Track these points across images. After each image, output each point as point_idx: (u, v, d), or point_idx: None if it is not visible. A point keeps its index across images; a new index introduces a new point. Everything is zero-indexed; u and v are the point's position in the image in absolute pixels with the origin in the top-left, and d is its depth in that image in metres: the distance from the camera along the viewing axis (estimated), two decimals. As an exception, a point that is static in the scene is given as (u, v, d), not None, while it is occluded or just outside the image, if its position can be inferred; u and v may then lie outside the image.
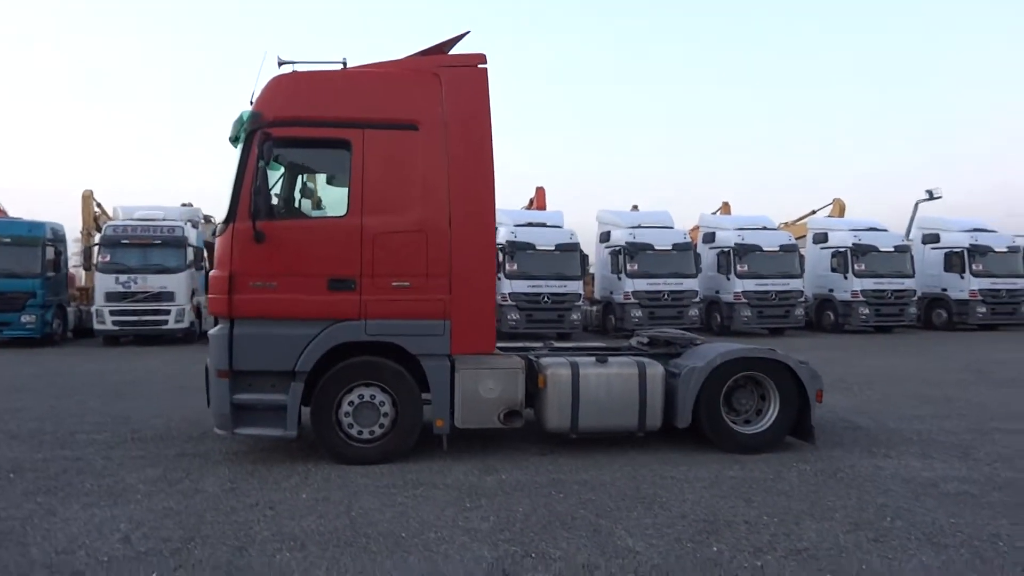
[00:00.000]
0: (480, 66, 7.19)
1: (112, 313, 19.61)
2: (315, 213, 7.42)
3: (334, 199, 7.44)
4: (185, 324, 20.17)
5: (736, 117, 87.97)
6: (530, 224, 22.38)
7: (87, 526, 5.24)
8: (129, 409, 10.02)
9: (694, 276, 22.60)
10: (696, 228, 26.62)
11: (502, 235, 20.42)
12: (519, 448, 7.54)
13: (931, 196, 29.97)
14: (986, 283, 23.93)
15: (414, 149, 6.99)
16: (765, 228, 24.40)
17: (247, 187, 6.79)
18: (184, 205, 24.92)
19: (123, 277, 19.65)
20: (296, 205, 7.37)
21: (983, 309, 23.88)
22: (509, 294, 20.84)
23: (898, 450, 7.51)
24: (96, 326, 19.85)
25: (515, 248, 21.10)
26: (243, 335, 6.79)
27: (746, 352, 7.54)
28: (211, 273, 7.06)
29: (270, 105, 6.89)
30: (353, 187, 6.90)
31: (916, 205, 29.83)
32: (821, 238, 25.04)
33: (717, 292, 23.73)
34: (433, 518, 5.44)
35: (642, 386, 7.31)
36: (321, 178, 7.76)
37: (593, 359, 7.47)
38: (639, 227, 23.12)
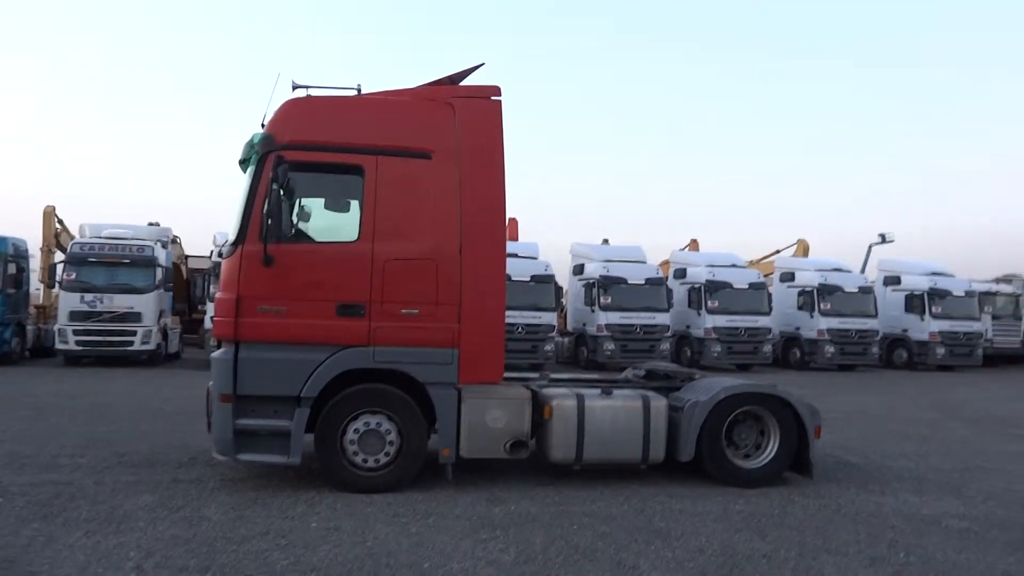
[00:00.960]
0: (494, 98, 7.27)
1: (76, 333, 19.03)
2: (324, 238, 7.34)
3: (340, 225, 7.39)
4: (152, 346, 19.66)
5: (706, 152, 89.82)
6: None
7: (94, 554, 5.04)
8: (108, 433, 9.70)
9: (666, 311, 22.89)
10: (666, 263, 27.04)
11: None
12: (521, 479, 7.49)
13: (884, 239, 31.03)
14: (945, 325, 24.71)
15: (426, 177, 7.01)
16: (735, 265, 24.88)
17: (257, 209, 6.73)
18: (151, 224, 24.46)
19: (89, 296, 19.12)
20: (304, 229, 7.30)
21: (942, 350, 24.63)
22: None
23: (892, 487, 7.66)
24: (58, 345, 19.22)
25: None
26: (249, 359, 6.67)
27: (748, 388, 7.66)
28: (217, 296, 6.94)
29: (283, 128, 6.86)
30: (365, 213, 6.88)
31: (869, 248, 30.83)
32: (788, 277, 25.64)
33: (688, 327, 24.05)
34: (451, 549, 5.37)
35: (646, 419, 7.35)
36: (318, 203, 7.70)
37: (598, 391, 7.51)
38: (612, 261, 23.37)
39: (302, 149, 6.79)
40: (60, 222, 26.21)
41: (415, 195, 6.98)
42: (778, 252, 31.27)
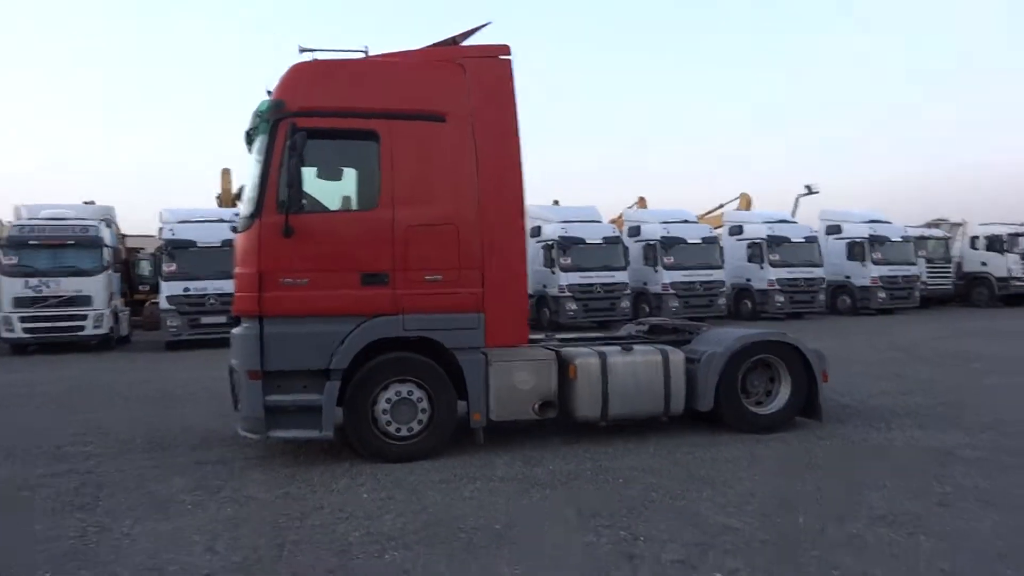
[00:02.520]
0: (503, 57, 7.17)
1: (22, 320, 18.09)
2: (337, 207, 7.16)
3: (349, 191, 7.23)
4: (104, 330, 18.87)
5: (639, 107, 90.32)
6: None
7: (157, 540, 4.91)
8: (96, 419, 9.34)
9: (624, 268, 23.23)
10: (618, 220, 27.36)
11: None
12: (546, 439, 7.57)
13: (809, 191, 32.19)
14: (884, 270, 25.86)
15: (442, 141, 6.90)
16: (687, 221, 25.39)
17: (272, 180, 6.52)
18: (87, 203, 23.28)
19: (33, 280, 18.17)
20: (319, 198, 7.10)
21: (883, 295, 25.80)
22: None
23: (894, 423, 8.06)
24: (4, 334, 18.23)
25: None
26: (275, 334, 6.51)
27: (761, 336, 7.92)
28: (236, 271, 6.71)
29: (293, 94, 6.63)
30: (383, 179, 6.74)
31: (797, 199, 31.93)
32: (737, 230, 26.32)
33: (644, 284, 24.48)
34: (514, 509, 5.44)
35: (666, 372, 7.52)
36: (310, 171, 7.46)
37: (618, 348, 7.63)
38: (570, 221, 23.51)
39: (314, 115, 6.57)
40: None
41: (431, 159, 6.87)
42: (722, 207, 32.09)
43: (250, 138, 7.17)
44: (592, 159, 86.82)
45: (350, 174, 7.09)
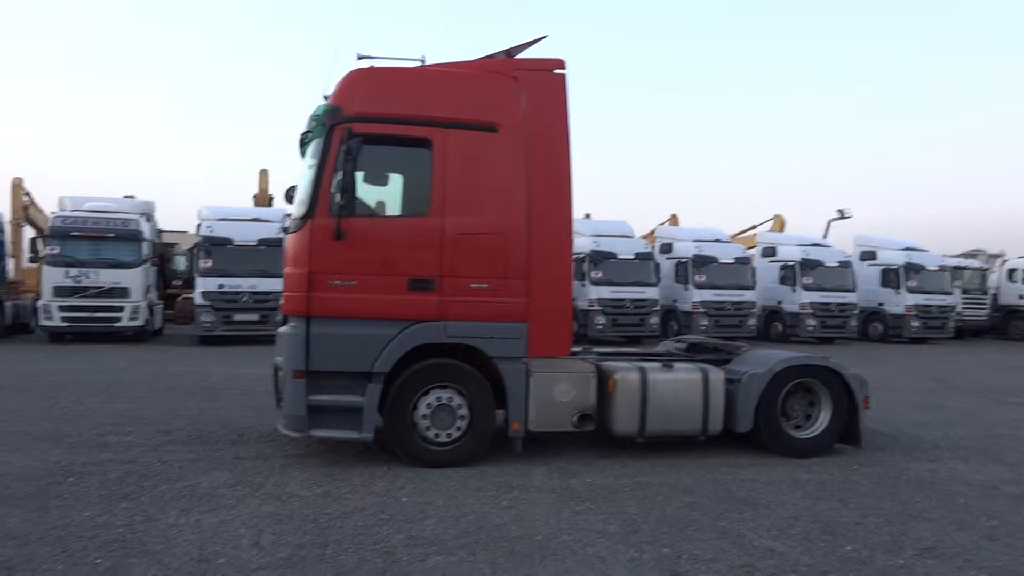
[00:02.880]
0: (558, 71, 7.22)
1: (61, 309, 18.46)
2: (387, 212, 7.22)
3: (399, 197, 7.27)
4: (140, 322, 19.22)
5: (674, 125, 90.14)
6: None
7: (203, 533, 4.97)
8: (136, 410, 9.50)
9: (655, 285, 23.15)
10: (650, 236, 27.28)
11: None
12: (580, 452, 7.56)
13: (842, 215, 31.87)
14: (920, 299, 25.48)
15: (493, 151, 6.95)
16: (719, 240, 25.25)
17: (326, 183, 6.61)
18: (127, 197, 23.73)
19: (73, 271, 18.55)
20: (369, 203, 7.18)
21: (916, 323, 25.41)
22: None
23: (934, 454, 7.94)
24: (42, 322, 18.64)
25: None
26: (321, 334, 6.58)
27: (804, 360, 7.83)
28: (286, 271, 6.80)
29: (350, 99, 6.73)
30: (434, 187, 6.80)
31: (828, 223, 31.61)
32: (770, 252, 26.10)
33: (674, 301, 24.37)
34: (553, 521, 5.42)
35: (706, 391, 7.47)
36: (359, 176, 7.50)
37: (659, 364, 7.60)
38: (602, 235, 23.49)
39: (370, 121, 6.66)
40: (28, 195, 25.30)
41: (482, 169, 6.92)
42: (754, 227, 31.85)
43: (304, 141, 7.28)
44: (622, 175, 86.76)
45: (400, 180, 7.13)
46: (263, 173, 27.14)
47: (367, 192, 7.01)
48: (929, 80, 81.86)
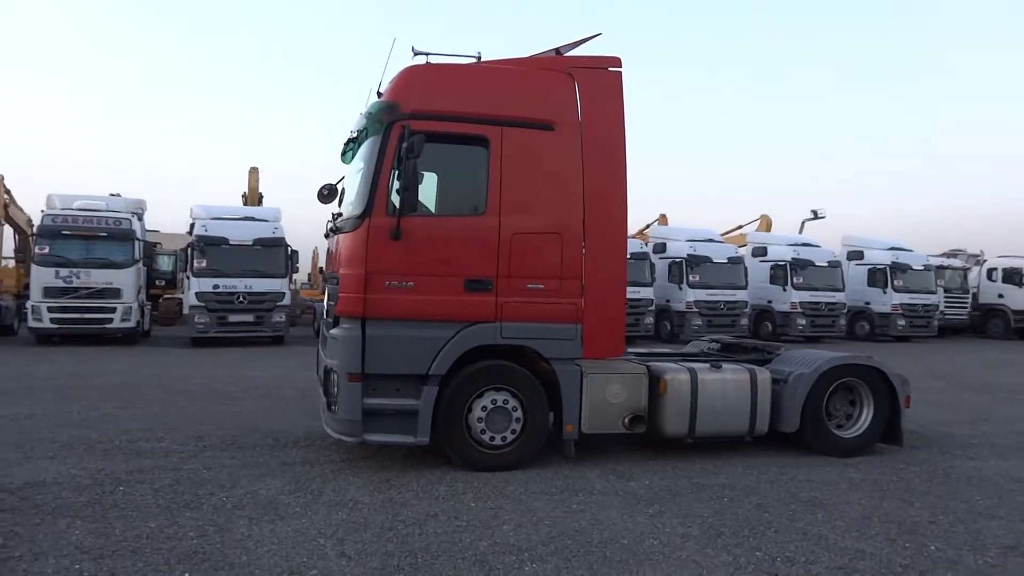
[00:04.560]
0: (613, 69, 7.15)
1: (51, 310, 17.94)
2: (444, 211, 7.05)
3: (460, 197, 7.05)
4: (132, 323, 18.73)
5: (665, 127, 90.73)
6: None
7: (284, 544, 4.81)
8: (158, 414, 9.24)
9: (650, 285, 23.21)
10: (641, 235, 27.36)
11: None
12: (626, 454, 7.51)
13: (816, 215, 32.31)
14: (905, 298, 25.90)
15: (550, 150, 6.86)
16: (712, 240, 25.40)
17: (384, 181, 6.47)
18: (112, 195, 23.15)
19: (64, 271, 18.02)
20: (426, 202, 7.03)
21: (902, 322, 25.82)
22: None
23: (972, 452, 8.03)
24: (31, 323, 18.08)
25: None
26: (378, 336, 6.43)
27: (849, 359, 7.86)
28: (341, 271, 6.62)
29: (408, 96, 6.58)
30: (491, 186, 6.69)
31: (803, 224, 32.03)
32: (760, 251, 26.33)
33: (667, 301, 24.46)
34: (631, 525, 5.36)
35: (753, 392, 7.47)
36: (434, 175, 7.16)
37: (707, 365, 7.57)
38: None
39: (427, 118, 6.52)
40: (8, 192, 24.57)
41: (539, 168, 6.82)
42: (741, 227, 32.13)
43: (356, 140, 7.13)
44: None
45: (458, 179, 6.98)
46: (253, 171, 26.69)
47: (422, 191, 6.86)
48: (903, 80, 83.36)
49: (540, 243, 6.79)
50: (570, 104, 6.92)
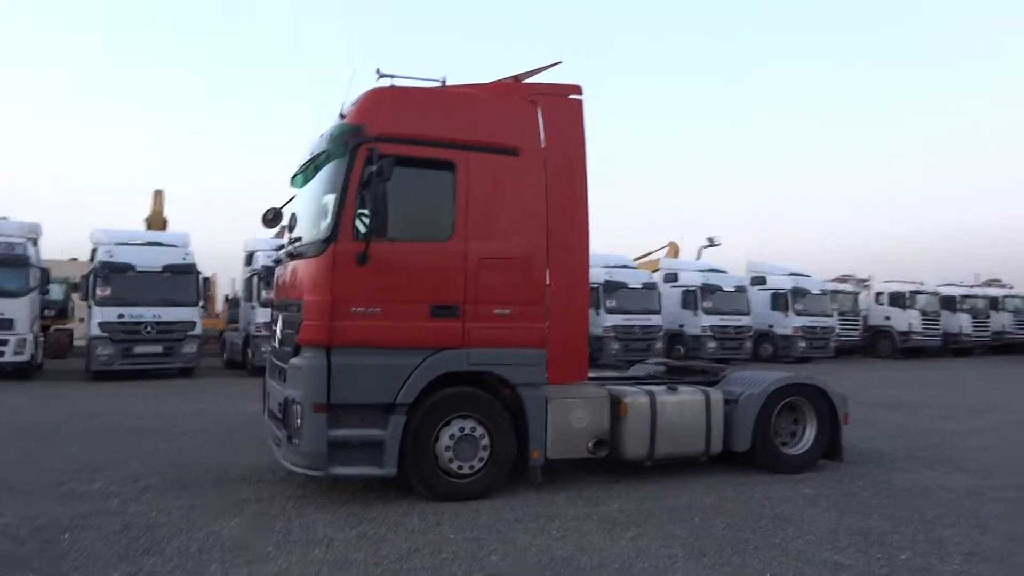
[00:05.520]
0: (574, 96, 7.27)
1: (-68, 344, 16.40)
2: (406, 235, 6.89)
3: (424, 222, 6.90)
4: (26, 357, 17.34)
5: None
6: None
7: (267, 585, 4.54)
8: (82, 454, 8.55)
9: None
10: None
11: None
12: (587, 478, 7.53)
13: (712, 243, 33.97)
14: (805, 321, 27.35)
15: (515, 175, 6.89)
16: (626, 266, 26.06)
17: (350, 205, 6.31)
18: (0, 218, 21.51)
19: (-52, 302, 16.54)
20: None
21: (803, 344, 27.23)
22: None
23: (902, 464, 8.50)
24: (-91, 360, 16.45)
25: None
26: (344, 365, 6.22)
27: (794, 379, 8.20)
28: (307, 298, 6.36)
29: (374, 119, 6.46)
30: (458, 210, 6.64)
31: (700, 250, 33.59)
32: (672, 277, 27.23)
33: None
34: (616, 549, 5.36)
35: (708, 413, 7.67)
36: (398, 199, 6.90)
37: (664, 387, 7.72)
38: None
39: (394, 141, 6.42)
40: None
41: (504, 193, 6.84)
42: (650, 253, 33.16)
43: (311, 163, 6.94)
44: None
45: (422, 203, 6.85)
46: (157, 194, 25.43)
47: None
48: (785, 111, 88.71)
49: (506, 268, 6.78)
50: (534, 130, 6.99)
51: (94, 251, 18.82)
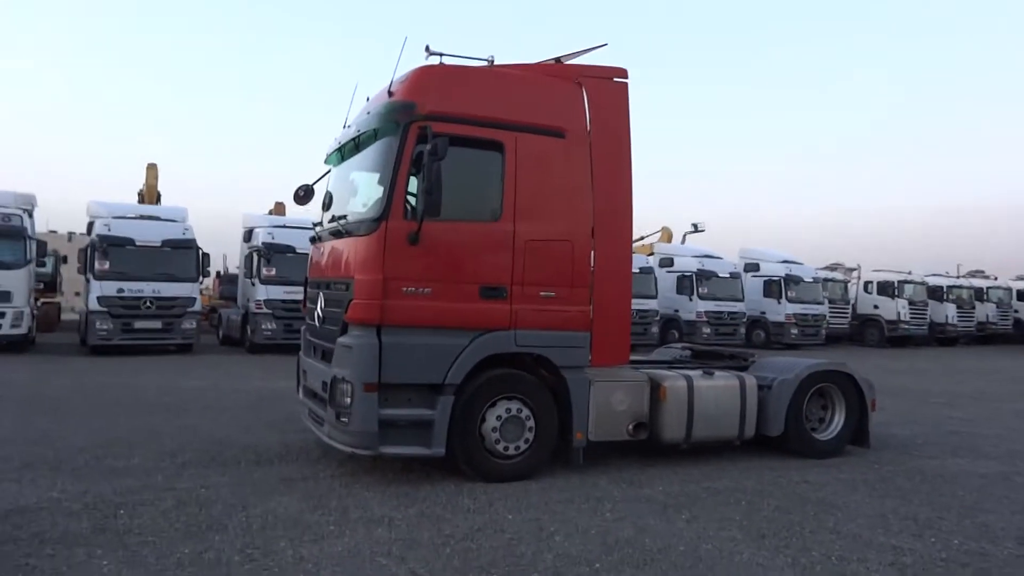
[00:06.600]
0: (619, 80, 7.23)
1: (-73, 316, 16.08)
2: (454, 216, 6.81)
3: (473, 202, 6.76)
4: (23, 330, 17.10)
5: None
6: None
7: (344, 564, 4.54)
8: (104, 430, 8.49)
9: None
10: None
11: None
12: (623, 461, 7.58)
13: (696, 229, 34.16)
14: (798, 308, 27.64)
15: (561, 157, 6.86)
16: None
17: (401, 183, 6.25)
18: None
19: (-57, 273, 16.22)
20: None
21: (795, 331, 27.53)
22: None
23: (926, 451, 8.63)
24: (-96, 331, 16.13)
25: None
26: (395, 344, 6.19)
27: (826, 366, 8.29)
28: (357, 277, 6.30)
29: (424, 96, 6.38)
30: (506, 192, 6.60)
31: (684, 236, 33.81)
32: (667, 262, 27.35)
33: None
34: (676, 531, 5.40)
35: (743, 397, 7.74)
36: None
37: (700, 372, 7.78)
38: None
39: (445, 120, 6.35)
40: None
41: (551, 175, 6.80)
42: (643, 239, 33.21)
43: (354, 142, 6.87)
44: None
45: (471, 183, 6.79)
46: (151, 168, 24.99)
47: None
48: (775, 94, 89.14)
49: (553, 250, 6.76)
50: (580, 112, 6.96)
51: (91, 224, 18.50)
